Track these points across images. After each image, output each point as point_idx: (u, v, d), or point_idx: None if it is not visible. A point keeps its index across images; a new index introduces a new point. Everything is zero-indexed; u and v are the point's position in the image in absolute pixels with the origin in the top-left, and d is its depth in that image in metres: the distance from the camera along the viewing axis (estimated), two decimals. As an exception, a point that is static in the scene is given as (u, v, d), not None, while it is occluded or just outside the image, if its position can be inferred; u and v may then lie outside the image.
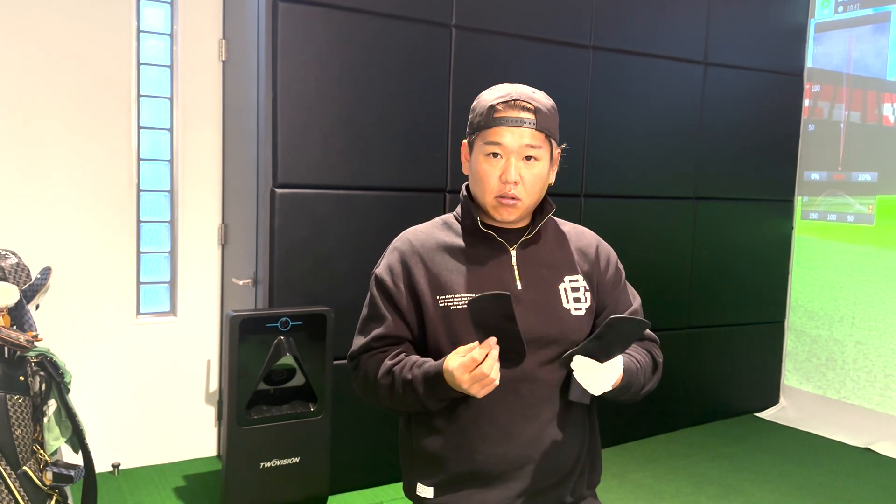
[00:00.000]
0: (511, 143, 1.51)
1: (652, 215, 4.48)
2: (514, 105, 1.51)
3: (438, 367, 1.46)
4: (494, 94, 1.55)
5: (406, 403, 1.56)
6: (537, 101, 1.53)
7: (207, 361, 4.02)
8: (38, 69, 3.52)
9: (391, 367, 1.56)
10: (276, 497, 3.26)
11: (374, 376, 1.59)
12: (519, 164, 1.52)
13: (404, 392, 1.53)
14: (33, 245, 3.46)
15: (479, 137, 1.55)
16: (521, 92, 1.54)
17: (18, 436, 2.53)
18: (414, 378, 1.50)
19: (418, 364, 1.52)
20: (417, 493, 1.65)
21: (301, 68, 3.37)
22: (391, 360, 1.58)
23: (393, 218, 3.60)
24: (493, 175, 1.53)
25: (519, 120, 1.51)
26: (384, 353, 1.61)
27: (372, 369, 1.60)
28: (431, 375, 1.47)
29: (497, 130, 1.51)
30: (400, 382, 1.53)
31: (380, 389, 1.58)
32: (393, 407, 1.60)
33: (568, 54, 4.07)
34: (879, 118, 4.74)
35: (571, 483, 1.64)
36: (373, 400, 1.64)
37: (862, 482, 3.99)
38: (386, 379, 1.56)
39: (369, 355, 1.62)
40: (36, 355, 2.58)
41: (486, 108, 1.53)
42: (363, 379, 1.63)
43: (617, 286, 1.71)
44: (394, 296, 1.60)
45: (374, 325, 1.63)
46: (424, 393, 1.49)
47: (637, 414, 4.45)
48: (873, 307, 4.73)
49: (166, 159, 3.91)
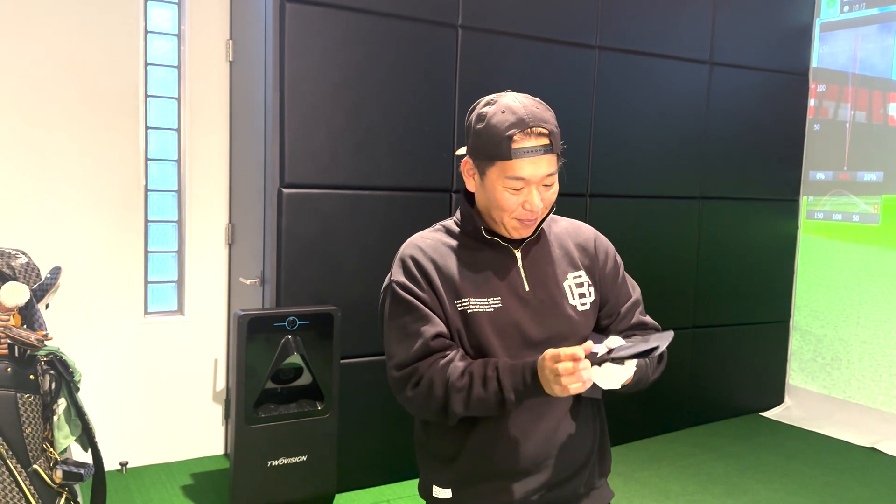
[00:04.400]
0: (532, 175, 1.51)
1: (657, 215, 4.48)
2: (529, 133, 1.49)
3: (531, 365, 1.46)
4: (505, 120, 1.50)
5: (485, 402, 1.50)
6: (548, 123, 1.52)
7: (215, 360, 4.03)
8: (47, 69, 3.54)
9: (466, 368, 1.52)
10: (283, 495, 3.28)
11: (443, 381, 1.52)
12: (539, 189, 1.54)
13: (486, 388, 1.49)
14: (42, 245, 3.48)
15: (495, 167, 1.52)
16: (531, 114, 1.51)
17: (29, 434, 2.54)
18: (501, 370, 1.49)
19: (501, 362, 1.51)
20: (434, 494, 1.66)
21: (308, 68, 3.39)
22: (463, 362, 1.53)
23: (399, 218, 3.61)
24: (515, 203, 1.54)
25: (537, 149, 1.50)
26: (444, 357, 1.54)
27: (439, 375, 1.52)
28: (522, 373, 1.47)
29: (517, 164, 1.50)
30: (481, 380, 1.49)
31: (453, 392, 1.51)
32: (463, 410, 1.53)
33: (573, 54, 4.07)
34: (885, 118, 4.74)
35: (585, 474, 1.68)
36: (434, 408, 1.54)
37: (867, 481, 3.99)
38: (462, 381, 1.50)
39: (430, 362, 1.54)
40: (46, 354, 2.60)
41: (500, 136, 1.50)
42: (426, 387, 1.53)
43: (617, 278, 1.73)
44: (424, 299, 1.58)
45: (422, 325, 1.56)
46: (513, 390, 1.47)
47: (642, 413, 4.46)
48: (878, 307, 4.73)
49: (174, 159, 3.93)
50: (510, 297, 1.59)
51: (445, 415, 1.54)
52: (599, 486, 1.73)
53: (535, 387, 1.45)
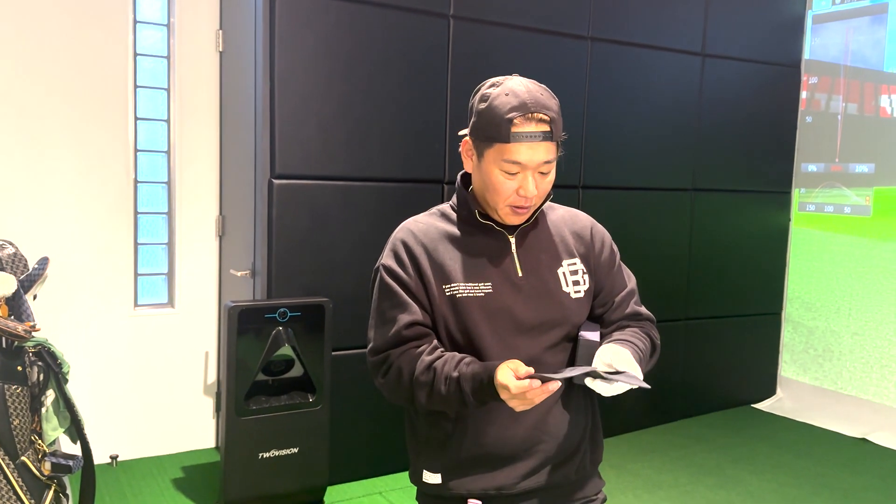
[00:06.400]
0: (529, 161, 1.50)
1: (649, 207, 4.48)
2: (530, 118, 1.48)
3: (490, 374, 1.45)
4: (507, 103, 1.50)
5: (446, 401, 1.52)
6: (551, 110, 1.51)
7: (206, 353, 4.01)
8: (35, 60, 3.50)
9: (431, 363, 1.53)
10: (274, 487, 3.27)
11: (409, 373, 1.54)
12: (535, 176, 1.53)
13: (447, 389, 1.50)
14: (30, 236, 3.45)
15: (493, 149, 1.52)
16: (534, 100, 1.50)
17: (17, 426, 2.52)
18: (462, 375, 1.49)
19: (466, 362, 1.51)
20: (424, 479, 1.66)
21: (299, 59, 3.36)
22: (430, 356, 1.54)
23: (391, 209, 3.60)
24: (510, 188, 1.53)
25: (536, 135, 1.49)
26: (417, 348, 1.56)
27: (406, 366, 1.55)
28: (481, 375, 1.47)
29: (515, 148, 1.49)
30: (443, 380, 1.51)
31: (417, 387, 1.53)
32: (427, 404, 1.56)
33: (566, 45, 4.06)
34: (877, 110, 4.75)
35: (576, 462, 1.67)
36: (402, 397, 1.58)
37: (858, 472, 4.01)
38: (426, 376, 1.52)
39: (401, 351, 1.57)
40: (34, 345, 2.58)
41: (500, 118, 1.49)
42: (395, 376, 1.56)
43: (612, 268, 1.72)
44: (408, 284, 1.59)
45: (399, 313, 1.58)
46: (471, 391, 1.48)
47: (635, 405, 4.46)
48: (870, 298, 4.74)
49: (163, 150, 3.90)
50: (502, 283, 1.58)
51: (413, 404, 1.58)
52: (591, 474, 1.73)
53: (495, 394, 1.45)
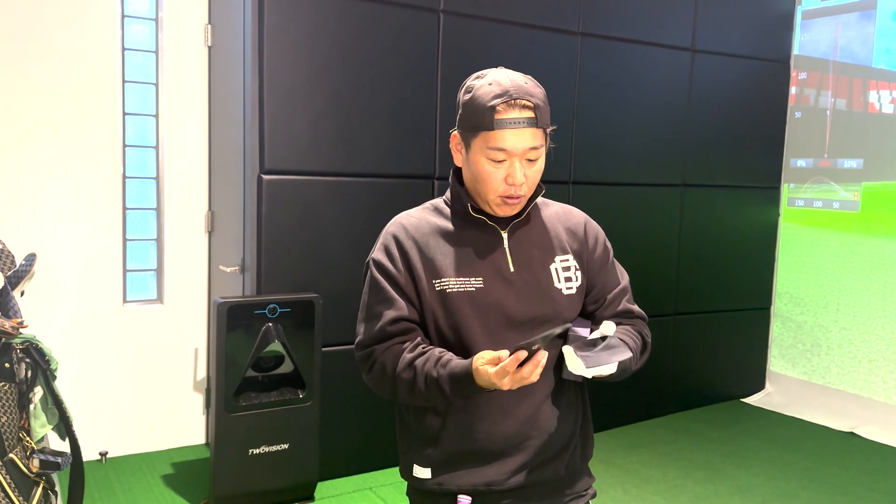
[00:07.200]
0: (515, 147, 1.51)
1: (639, 202, 4.49)
2: (513, 105, 1.50)
3: (467, 368, 1.46)
4: (490, 92, 1.51)
5: (428, 398, 1.54)
6: (535, 97, 1.52)
7: (195, 349, 4.00)
8: (21, 54, 3.48)
9: (412, 361, 1.54)
10: (265, 483, 3.26)
11: (392, 370, 1.55)
12: (523, 164, 1.53)
13: (427, 388, 1.51)
14: (18, 232, 3.43)
15: (479, 138, 1.53)
16: (518, 87, 1.51)
17: (4, 423, 2.51)
18: (440, 376, 1.50)
19: (443, 362, 1.51)
20: (414, 474, 1.66)
21: (288, 53, 3.35)
22: (411, 354, 1.55)
23: (381, 204, 3.59)
24: (497, 177, 1.54)
25: (520, 121, 1.50)
26: (401, 344, 1.57)
27: (390, 362, 1.56)
28: (459, 375, 1.47)
29: (500, 135, 1.50)
30: (423, 378, 1.52)
31: (399, 384, 1.55)
32: (410, 401, 1.58)
33: (556, 40, 4.06)
34: (865, 105, 4.77)
35: (566, 457, 1.67)
36: (387, 392, 1.60)
37: (846, 466, 4.03)
38: (407, 373, 1.53)
39: (385, 347, 1.58)
40: (21, 342, 2.56)
41: (484, 107, 1.50)
42: (379, 372, 1.58)
43: (605, 265, 1.72)
44: (397, 279, 1.59)
45: (385, 308, 1.59)
46: (451, 391, 1.49)
47: (624, 400, 4.48)
48: (858, 293, 4.76)
49: (152, 146, 3.88)
50: (494, 278, 1.58)
51: (397, 399, 1.60)
52: (581, 470, 1.73)
53: (475, 388, 1.46)
